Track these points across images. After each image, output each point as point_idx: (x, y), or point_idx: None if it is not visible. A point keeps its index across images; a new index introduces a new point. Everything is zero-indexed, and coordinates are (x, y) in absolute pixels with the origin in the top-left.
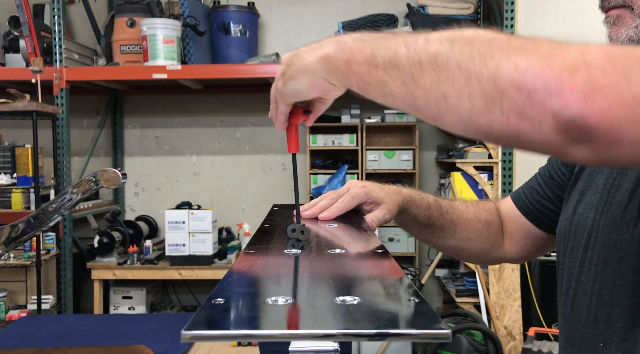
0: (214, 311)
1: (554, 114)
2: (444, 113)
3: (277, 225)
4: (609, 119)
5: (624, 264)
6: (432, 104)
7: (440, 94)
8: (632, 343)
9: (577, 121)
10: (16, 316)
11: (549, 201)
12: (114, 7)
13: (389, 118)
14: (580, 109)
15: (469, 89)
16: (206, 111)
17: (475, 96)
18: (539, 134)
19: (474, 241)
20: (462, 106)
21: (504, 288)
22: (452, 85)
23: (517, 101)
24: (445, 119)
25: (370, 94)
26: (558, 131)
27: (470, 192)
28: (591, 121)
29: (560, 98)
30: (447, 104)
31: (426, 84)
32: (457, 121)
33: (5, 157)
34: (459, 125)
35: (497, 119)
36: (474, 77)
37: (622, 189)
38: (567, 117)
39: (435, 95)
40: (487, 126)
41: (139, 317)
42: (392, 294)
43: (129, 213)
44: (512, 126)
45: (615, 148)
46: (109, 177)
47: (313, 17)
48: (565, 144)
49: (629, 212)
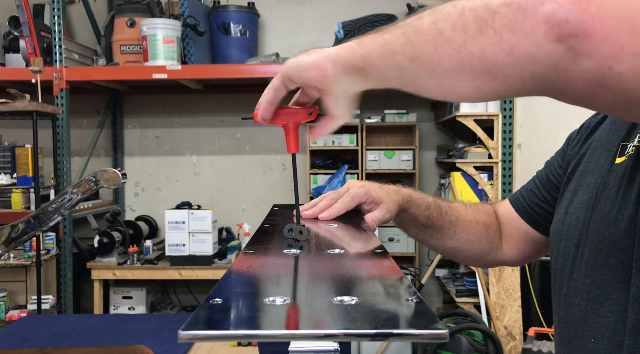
0: (212, 311)
1: (546, 18)
2: (439, 48)
3: (277, 225)
4: (606, 23)
5: (612, 259)
6: (429, 44)
7: (436, 31)
8: (621, 337)
9: (572, 24)
10: (16, 316)
11: (547, 204)
12: (114, 7)
13: (389, 118)
14: (574, 11)
15: (463, 19)
16: (206, 111)
17: (468, 23)
18: (533, 46)
19: (472, 243)
20: (456, 35)
21: (504, 288)
22: (447, 21)
23: (508, 15)
24: (441, 56)
25: (371, 59)
26: (553, 38)
27: (470, 192)
28: (587, 25)
29: (552, 2)
30: (443, 38)
31: (424, 27)
32: (452, 53)
33: (5, 157)
34: (455, 59)
35: (490, 39)
36: (467, 8)
37: (610, 185)
38: (560, 20)
39: (431, 33)
40: (481, 51)
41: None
42: (391, 294)
43: (129, 213)
44: (505, 43)
45: (618, 61)
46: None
47: (313, 17)
48: (565, 57)
49: (616, 207)
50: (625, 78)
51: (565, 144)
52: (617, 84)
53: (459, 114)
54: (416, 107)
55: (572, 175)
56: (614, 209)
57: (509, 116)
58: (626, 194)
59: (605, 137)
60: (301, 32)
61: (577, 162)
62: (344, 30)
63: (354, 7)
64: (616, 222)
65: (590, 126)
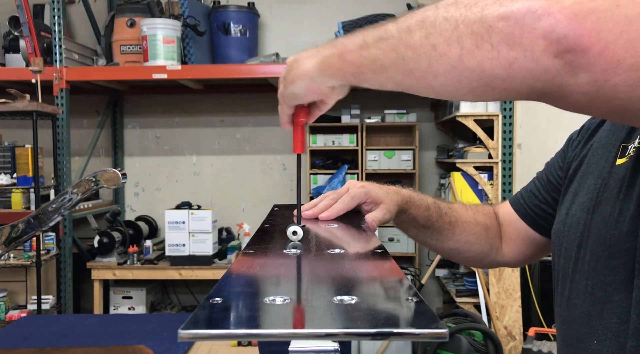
0: (212, 311)
1: (545, 33)
2: (434, 64)
3: (277, 225)
4: (602, 37)
5: (614, 260)
6: (422, 60)
7: (429, 46)
8: (624, 339)
9: (570, 39)
10: (16, 316)
11: (547, 205)
12: (114, 7)
13: (389, 118)
14: (572, 27)
15: (457, 33)
16: (206, 111)
17: (464, 38)
18: (532, 62)
19: (472, 244)
20: (451, 50)
21: (504, 288)
22: (440, 35)
23: (506, 30)
24: (436, 72)
25: (364, 75)
26: (551, 54)
27: (470, 192)
28: (584, 40)
29: (550, 18)
30: (437, 53)
31: (415, 42)
32: (448, 68)
33: (5, 157)
34: (450, 74)
35: (488, 54)
36: (461, 22)
37: (611, 186)
38: (558, 35)
39: (424, 49)
40: (478, 65)
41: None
42: (390, 294)
43: (129, 213)
44: (503, 58)
45: (614, 74)
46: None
47: (313, 17)
48: (562, 72)
49: (617, 208)
50: (621, 90)
51: (565, 145)
52: (613, 96)
53: (459, 114)
54: (416, 107)
55: (573, 177)
56: (615, 210)
57: (509, 116)
58: (627, 195)
59: (606, 138)
60: (301, 32)
61: (579, 163)
62: (344, 30)
63: (354, 7)
64: (617, 223)
65: (591, 127)
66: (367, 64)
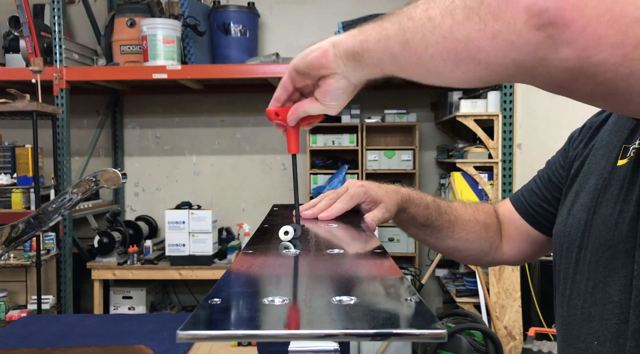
0: (211, 311)
1: (527, 6)
2: (427, 35)
3: (277, 225)
4: (586, 13)
5: (614, 261)
6: (418, 31)
7: (427, 18)
8: (623, 339)
9: (551, 12)
10: (16, 316)
11: (548, 203)
12: (114, 7)
13: (389, 118)
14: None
15: (452, 6)
16: (206, 111)
17: (457, 10)
18: (514, 34)
19: (472, 243)
20: (444, 22)
21: (504, 288)
22: (437, 8)
23: (494, 4)
24: (428, 43)
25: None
26: (532, 27)
27: (470, 192)
28: (565, 14)
29: None
30: (432, 24)
31: (416, 14)
32: (439, 39)
33: (5, 157)
34: (440, 45)
35: (475, 26)
36: None
37: (611, 187)
38: (540, 8)
39: (422, 20)
40: (466, 37)
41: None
42: (389, 294)
43: (129, 213)
44: (489, 30)
45: (596, 51)
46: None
47: (313, 17)
48: (544, 45)
49: (617, 209)
50: (604, 68)
51: (566, 144)
52: (596, 73)
53: (459, 114)
54: (416, 107)
55: (575, 177)
56: (615, 211)
57: (509, 116)
58: (627, 196)
59: (607, 138)
60: (301, 32)
61: (581, 164)
62: (344, 31)
63: (354, 7)
64: (617, 225)
65: (592, 127)
66: (375, 34)
